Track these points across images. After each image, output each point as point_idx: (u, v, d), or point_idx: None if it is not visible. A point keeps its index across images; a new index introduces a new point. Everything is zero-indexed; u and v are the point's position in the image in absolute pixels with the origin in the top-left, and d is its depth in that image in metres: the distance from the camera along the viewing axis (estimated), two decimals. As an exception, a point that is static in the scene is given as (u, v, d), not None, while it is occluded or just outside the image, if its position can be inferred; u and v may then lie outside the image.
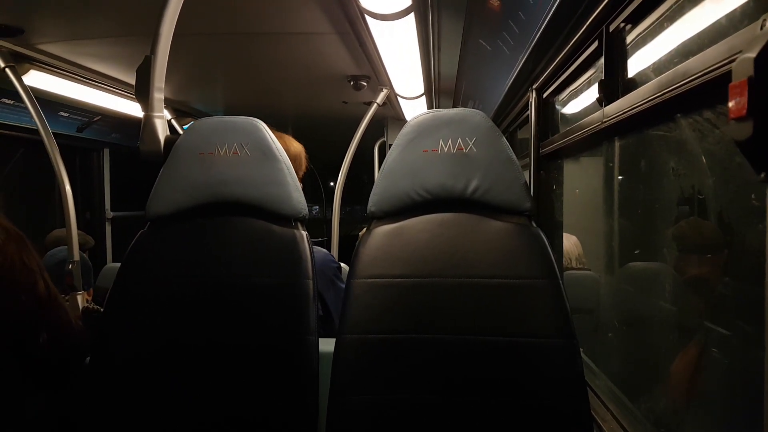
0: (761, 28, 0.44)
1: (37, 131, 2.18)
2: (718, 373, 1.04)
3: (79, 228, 2.37)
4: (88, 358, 1.45)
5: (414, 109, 3.37)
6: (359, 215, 7.57)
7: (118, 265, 1.28)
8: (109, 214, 3.81)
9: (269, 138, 1.28)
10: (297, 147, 1.72)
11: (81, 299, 2.28)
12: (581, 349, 1.11)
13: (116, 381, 1.14)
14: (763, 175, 0.46)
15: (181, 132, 3.29)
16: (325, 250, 1.65)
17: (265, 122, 1.30)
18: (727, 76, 0.49)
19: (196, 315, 1.17)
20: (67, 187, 2.24)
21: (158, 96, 1.31)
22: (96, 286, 2.88)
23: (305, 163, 1.76)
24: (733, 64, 0.45)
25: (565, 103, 1.77)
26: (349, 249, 1.44)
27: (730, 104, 0.45)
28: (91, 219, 3.79)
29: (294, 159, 1.67)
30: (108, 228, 3.82)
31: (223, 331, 1.16)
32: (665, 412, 1.21)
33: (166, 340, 1.16)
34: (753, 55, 0.42)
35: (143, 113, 1.31)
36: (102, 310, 1.62)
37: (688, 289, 1.15)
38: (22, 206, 3.33)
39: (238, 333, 1.16)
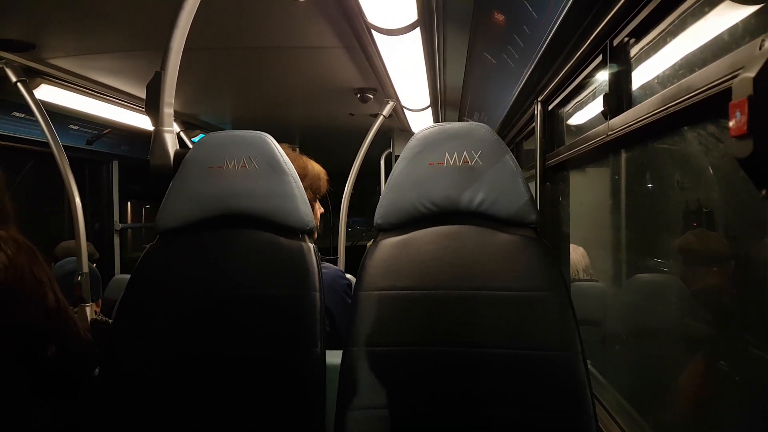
0: (760, 48, 0.45)
1: (47, 144, 2.20)
2: (727, 385, 1.03)
3: (87, 239, 2.39)
4: (97, 369, 1.46)
5: (420, 120, 3.39)
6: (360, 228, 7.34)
7: (127, 276, 1.29)
8: (118, 225, 3.84)
9: (277, 151, 1.29)
10: (317, 168, 1.70)
11: (90, 311, 2.30)
12: (588, 361, 1.11)
13: (124, 393, 1.15)
14: (764, 192, 0.46)
15: (189, 144, 3.33)
16: (336, 267, 1.65)
17: (272, 134, 1.32)
18: (729, 92, 0.50)
19: (204, 327, 1.18)
20: (77, 199, 2.27)
21: (168, 111, 1.33)
22: (104, 297, 2.90)
23: (325, 185, 1.72)
24: (733, 83, 0.46)
25: (570, 115, 1.78)
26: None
27: (731, 123, 0.46)
28: (99, 230, 3.82)
29: (316, 178, 1.67)
30: (116, 239, 3.84)
31: (230, 343, 1.17)
32: (674, 424, 1.20)
33: (175, 352, 1.17)
34: (752, 74, 0.43)
35: (153, 128, 1.33)
36: (110, 322, 1.64)
37: (696, 299, 1.15)
38: (31, 217, 3.37)
39: (246, 345, 1.16)
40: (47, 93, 2.31)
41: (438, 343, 1.12)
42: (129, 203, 4.31)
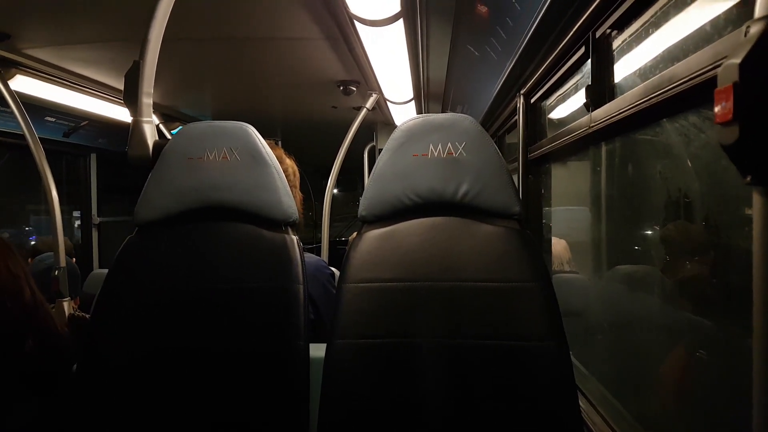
0: (745, 35, 0.45)
1: (23, 136, 2.16)
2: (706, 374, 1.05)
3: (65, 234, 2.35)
4: (75, 365, 1.44)
5: (403, 113, 3.38)
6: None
7: (105, 271, 1.26)
8: (96, 219, 3.77)
9: (259, 143, 1.27)
10: (289, 161, 1.67)
11: (68, 306, 2.26)
12: (571, 352, 1.12)
13: (106, 388, 1.13)
14: (749, 178, 0.47)
15: (169, 137, 3.28)
16: (317, 257, 1.64)
17: (254, 127, 1.30)
18: (712, 81, 0.50)
19: (186, 321, 1.16)
20: (54, 193, 2.22)
21: (147, 101, 1.30)
22: (83, 293, 2.86)
23: (297, 180, 1.69)
24: (719, 70, 0.46)
25: (552, 108, 1.78)
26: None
27: (716, 109, 0.46)
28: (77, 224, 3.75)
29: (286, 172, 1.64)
30: (95, 233, 3.78)
31: (213, 337, 1.15)
32: (655, 413, 1.22)
33: (156, 346, 1.15)
34: (738, 61, 0.43)
35: (132, 118, 1.30)
36: (88, 317, 1.61)
37: (676, 290, 1.16)
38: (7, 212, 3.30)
39: (228, 338, 1.15)
40: (23, 84, 2.25)
41: (422, 335, 1.12)
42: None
